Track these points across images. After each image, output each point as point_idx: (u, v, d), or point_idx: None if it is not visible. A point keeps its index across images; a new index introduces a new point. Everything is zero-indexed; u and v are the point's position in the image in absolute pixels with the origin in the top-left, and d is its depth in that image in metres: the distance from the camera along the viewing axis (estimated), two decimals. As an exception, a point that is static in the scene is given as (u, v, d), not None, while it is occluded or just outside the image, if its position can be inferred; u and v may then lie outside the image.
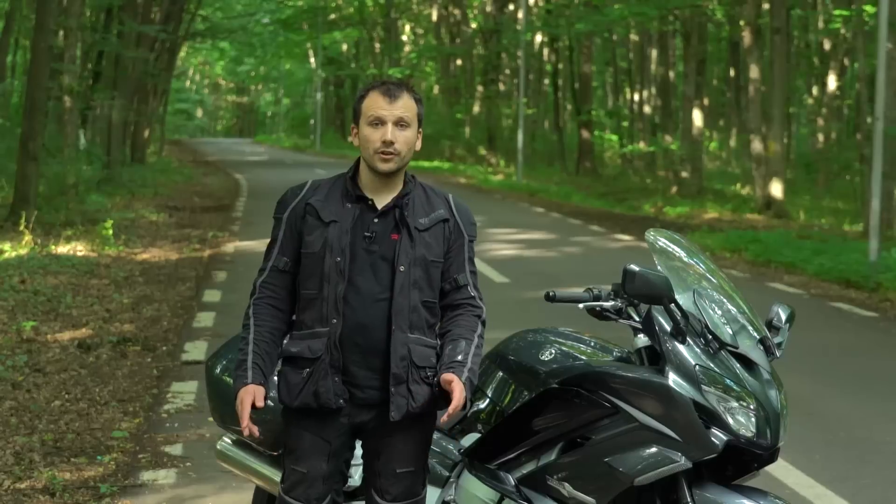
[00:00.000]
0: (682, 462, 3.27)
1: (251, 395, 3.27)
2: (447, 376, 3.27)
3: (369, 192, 3.37)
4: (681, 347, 3.35)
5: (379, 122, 3.30)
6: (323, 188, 3.40)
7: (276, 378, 3.47)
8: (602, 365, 3.53)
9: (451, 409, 3.25)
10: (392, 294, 3.31)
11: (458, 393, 3.24)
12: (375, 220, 3.34)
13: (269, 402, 3.45)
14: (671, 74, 34.45)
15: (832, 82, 30.83)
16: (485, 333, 3.49)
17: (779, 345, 3.48)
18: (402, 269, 3.31)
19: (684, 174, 28.31)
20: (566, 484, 3.48)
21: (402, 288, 3.31)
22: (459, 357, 3.34)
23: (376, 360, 3.32)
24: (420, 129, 3.39)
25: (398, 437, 3.39)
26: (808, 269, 13.68)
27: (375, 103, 3.32)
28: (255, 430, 3.29)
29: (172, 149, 49.30)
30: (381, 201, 3.36)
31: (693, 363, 3.33)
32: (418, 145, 3.38)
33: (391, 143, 3.29)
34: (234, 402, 3.34)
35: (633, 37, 38.99)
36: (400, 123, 3.31)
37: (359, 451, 3.55)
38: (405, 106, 3.32)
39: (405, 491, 3.41)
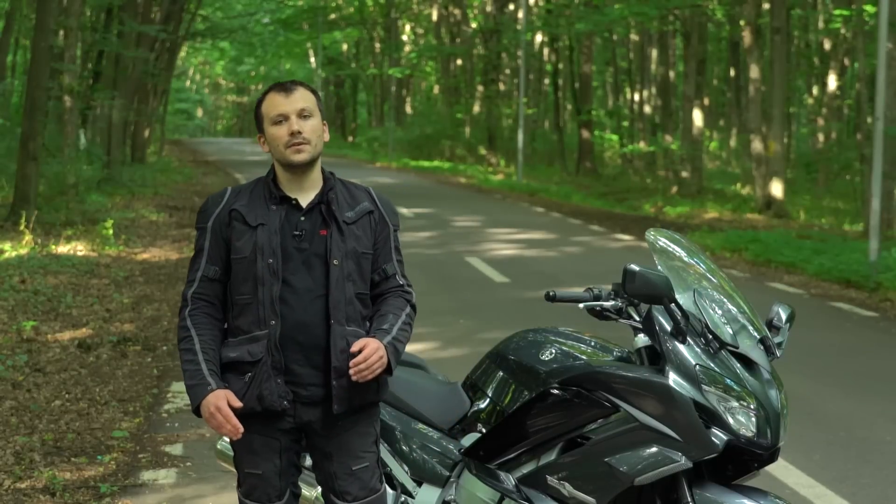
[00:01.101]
0: (682, 462, 3.27)
1: (224, 399, 3.25)
2: (361, 339, 3.28)
3: (290, 192, 3.39)
4: (681, 347, 3.36)
5: (282, 117, 3.34)
6: (244, 194, 3.41)
7: None
8: (602, 365, 3.53)
9: (354, 360, 3.22)
10: (328, 288, 3.32)
11: (369, 349, 3.24)
12: (302, 219, 3.36)
13: None
14: (671, 74, 34.46)
15: (832, 82, 30.84)
16: (414, 317, 3.49)
17: (779, 345, 3.49)
18: (335, 262, 3.33)
19: (684, 174, 28.32)
20: (566, 484, 3.48)
21: (337, 282, 3.33)
22: (385, 326, 3.36)
23: (318, 356, 3.33)
24: (325, 122, 3.42)
25: (346, 434, 3.40)
26: (808, 269, 13.68)
27: (274, 102, 3.36)
28: (241, 428, 3.26)
29: (172, 148, 49.30)
30: (305, 199, 3.39)
31: (693, 363, 3.33)
32: (326, 136, 3.41)
33: (299, 133, 3.32)
34: (194, 412, 3.32)
35: (634, 37, 39.01)
36: (302, 114, 3.34)
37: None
38: (303, 98, 3.36)
39: (364, 488, 3.42)
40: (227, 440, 4.20)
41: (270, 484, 3.39)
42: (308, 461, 3.71)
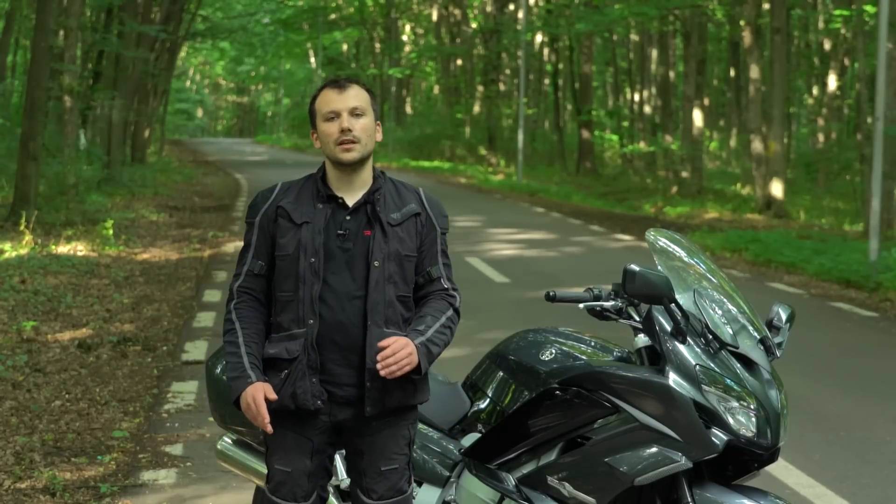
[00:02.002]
0: (682, 462, 3.27)
1: (261, 392, 3.25)
2: (389, 338, 3.25)
3: (339, 190, 3.37)
4: (681, 347, 3.35)
5: (334, 114, 3.32)
6: (293, 190, 3.41)
7: None
8: (602, 365, 3.53)
9: (382, 354, 3.20)
10: (367, 290, 3.31)
11: (397, 345, 3.21)
12: (348, 218, 3.34)
13: None
14: (671, 74, 34.45)
15: (832, 82, 30.84)
16: (458, 321, 3.44)
17: (779, 345, 3.49)
18: (376, 264, 3.31)
19: (684, 174, 28.32)
20: (566, 484, 3.48)
21: (376, 283, 3.31)
22: (420, 328, 3.33)
23: (355, 357, 3.32)
24: (378, 122, 3.40)
25: (380, 434, 3.39)
26: (809, 269, 13.69)
27: (327, 98, 3.35)
28: (267, 417, 3.26)
29: (172, 149, 49.30)
30: (352, 199, 3.37)
31: (693, 363, 3.33)
32: (379, 136, 3.39)
33: (349, 131, 3.30)
34: (234, 404, 3.33)
35: (634, 37, 39.01)
36: (354, 112, 3.32)
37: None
38: (356, 96, 3.34)
39: (391, 488, 3.41)
40: (229, 440, 4.20)
41: (298, 483, 3.37)
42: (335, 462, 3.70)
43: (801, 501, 5.46)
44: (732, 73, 36.02)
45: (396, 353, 3.22)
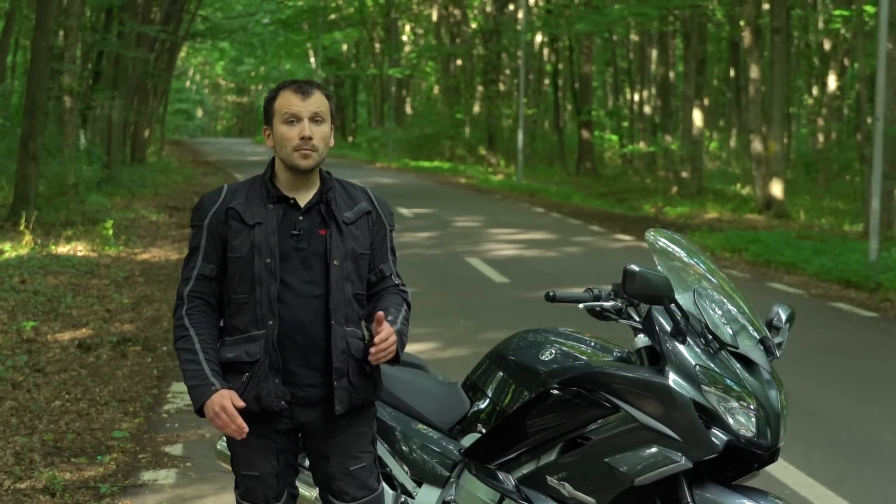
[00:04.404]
0: (682, 462, 3.27)
1: (229, 399, 3.24)
2: (378, 316, 3.26)
3: (289, 192, 3.37)
4: (681, 347, 3.35)
5: (294, 118, 3.31)
6: (241, 192, 3.39)
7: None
8: (602, 365, 3.53)
9: (379, 337, 3.22)
10: (328, 289, 3.31)
11: (387, 331, 3.24)
12: (301, 218, 3.34)
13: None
14: (671, 74, 34.45)
15: (832, 82, 30.84)
16: (410, 315, 3.48)
17: (779, 345, 3.49)
18: (335, 263, 3.32)
19: (684, 174, 28.32)
20: (566, 484, 3.48)
21: (337, 282, 3.32)
22: (390, 318, 3.34)
23: (316, 356, 3.32)
24: (332, 126, 3.40)
25: (343, 435, 3.39)
26: (809, 269, 13.69)
27: (289, 101, 3.32)
28: (245, 427, 3.26)
29: (172, 149, 49.30)
30: (303, 199, 3.36)
31: (693, 363, 3.33)
32: (331, 141, 3.40)
33: (309, 139, 3.29)
34: (197, 412, 3.32)
35: (634, 37, 39.02)
36: (315, 119, 3.32)
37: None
38: (318, 102, 3.34)
39: (362, 487, 3.42)
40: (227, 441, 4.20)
41: (268, 485, 3.38)
42: (307, 461, 3.70)
43: (801, 501, 5.46)
44: (732, 73, 36.03)
45: (387, 339, 3.24)
